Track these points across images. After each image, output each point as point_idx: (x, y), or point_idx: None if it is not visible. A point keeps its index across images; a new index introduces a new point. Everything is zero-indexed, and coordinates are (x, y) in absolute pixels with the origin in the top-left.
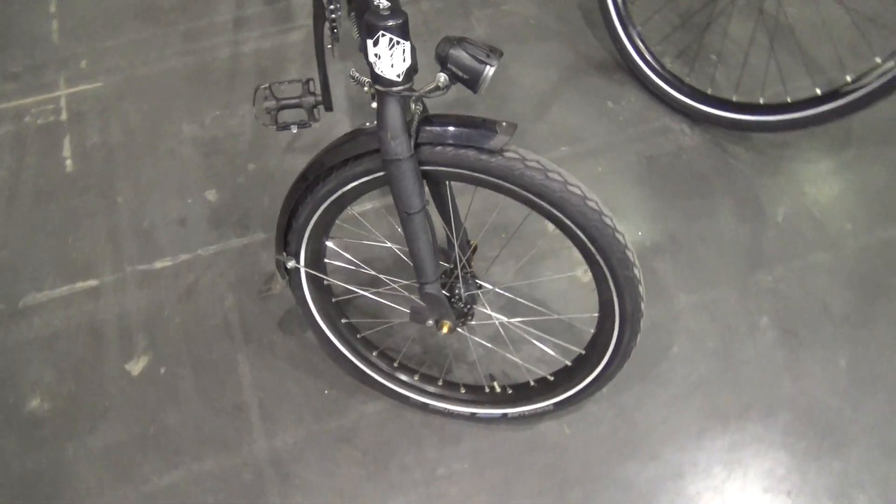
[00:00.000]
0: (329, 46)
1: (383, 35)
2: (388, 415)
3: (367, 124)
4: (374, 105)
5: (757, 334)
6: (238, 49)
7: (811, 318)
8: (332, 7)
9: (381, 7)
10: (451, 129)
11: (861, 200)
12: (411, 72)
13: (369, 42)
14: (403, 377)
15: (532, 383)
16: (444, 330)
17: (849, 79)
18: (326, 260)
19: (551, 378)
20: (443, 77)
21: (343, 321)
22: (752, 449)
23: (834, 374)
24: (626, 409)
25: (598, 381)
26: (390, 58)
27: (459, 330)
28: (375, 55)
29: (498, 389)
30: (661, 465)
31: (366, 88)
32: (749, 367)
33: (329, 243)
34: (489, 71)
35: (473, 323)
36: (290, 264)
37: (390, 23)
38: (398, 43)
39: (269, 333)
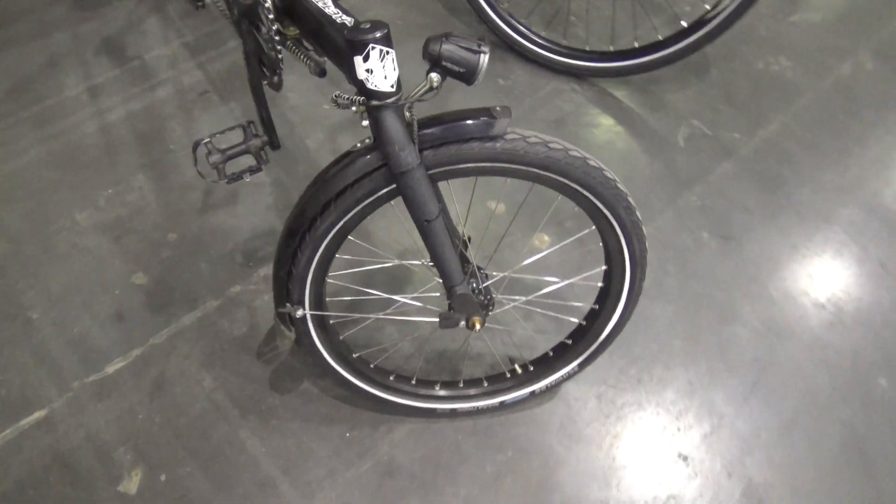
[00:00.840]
0: (266, 82)
1: (373, 48)
2: (417, 434)
3: (358, 144)
4: (366, 123)
5: (704, 248)
6: (105, 119)
7: (740, 221)
8: (277, 38)
9: (359, 22)
10: (450, 126)
11: (737, 110)
12: (400, 80)
13: (357, 59)
14: (426, 391)
15: (551, 353)
16: (477, 326)
17: (708, 7)
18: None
19: (569, 341)
20: (435, 76)
21: (354, 356)
22: (738, 351)
23: (777, 263)
24: (627, 352)
25: (617, 327)
26: (382, 69)
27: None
28: (367, 70)
29: (520, 371)
30: (673, 390)
31: (354, 108)
32: (708, 278)
33: (328, 279)
34: (484, 59)
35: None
36: (299, 313)
37: (377, 34)
38: (388, 53)
39: (265, 399)
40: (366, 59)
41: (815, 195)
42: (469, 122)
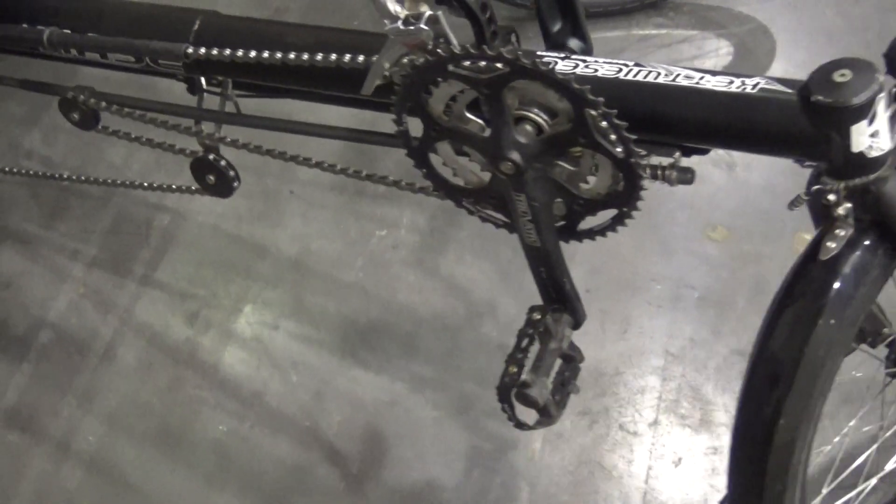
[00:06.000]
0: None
1: (879, 99)
2: None
3: (829, 244)
4: (843, 209)
5: None
6: None
7: None
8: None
9: (841, 75)
10: None
11: None
12: None
13: (858, 127)
14: None
15: None
16: None
17: None
18: None
19: None
20: None
21: None
22: None
23: None
24: None
25: None
26: (889, 122)
27: None
28: (872, 135)
29: None
30: None
31: (832, 196)
32: None
33: None
34: None
35: None
36: None
37: (877, 79)
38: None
39: None
40: (872, 120)
41: None
42: None
